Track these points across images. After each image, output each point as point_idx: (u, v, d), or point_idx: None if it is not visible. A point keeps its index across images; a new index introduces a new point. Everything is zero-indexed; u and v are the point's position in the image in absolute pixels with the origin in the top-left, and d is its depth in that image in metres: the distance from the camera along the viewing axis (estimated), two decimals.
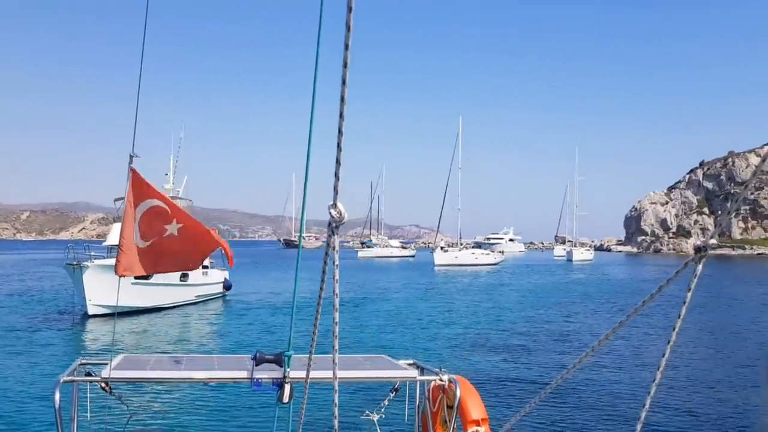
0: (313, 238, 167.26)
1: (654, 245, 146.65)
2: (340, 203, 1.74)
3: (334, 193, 1.73)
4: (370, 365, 5.61)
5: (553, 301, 34.13)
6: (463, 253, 76.15)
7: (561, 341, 21.24)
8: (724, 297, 39.61)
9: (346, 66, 1.45)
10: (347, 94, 1.42)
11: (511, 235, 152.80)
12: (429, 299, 34.93)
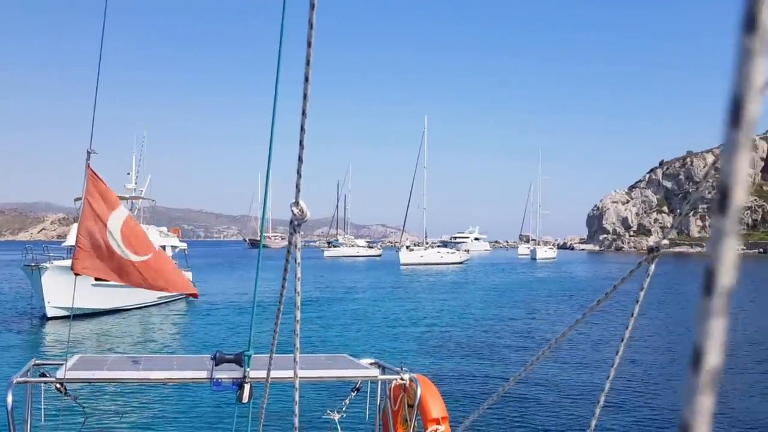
0: (279, 238, 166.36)
1: (615, 243, 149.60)
2: (302, 201, 1.74)
3: (296, 191, 1.72)
4: (332, 365, 5.61)
5: (516, 299, 34.59)
6: (428, 252, 76.58)
7: (523, 339, 21.56)
8: (683, 294, 40.65)
9: (309, 63, 1.44)
10: (310, 91, 1.42)
11: (477, 234, 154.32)
12: (394, 298, 34.95)
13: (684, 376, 0.79)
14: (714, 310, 0.47)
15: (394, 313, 28.09)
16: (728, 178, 0.48)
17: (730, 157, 0.47)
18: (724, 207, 0.45)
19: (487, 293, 38.40)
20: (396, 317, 26.65)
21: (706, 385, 0.46)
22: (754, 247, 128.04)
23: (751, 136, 0.46)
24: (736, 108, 0.45)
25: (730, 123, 0.45)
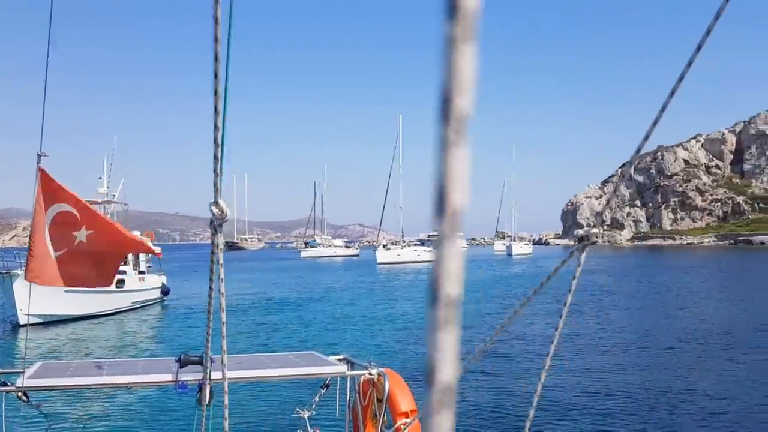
0: (256, 239, 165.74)
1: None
2: (221, 200, 1.68)
3: (215, 191, 1.65)
4: (300, 362, 5.57)
5: (492, 295, 34.93)
6: (405, 250, 76.85)
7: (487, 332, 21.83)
8: (654, 285, 41.41)
9: (217, 60, 1.40)
10: (220, 88, 1.40)
11: None
12: (370, 297, 35.07)
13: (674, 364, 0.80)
14: (442, 322, 0.44)
15: (371, 311, 28.19)
16: (443, 179, 0.44)
17: (444, 155, 0.43)
18: (441, 210, 0.43)
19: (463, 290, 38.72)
20: (372, 316, 26.74)
21: (441, 402, 0.43)
22: (725, 239, 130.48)
23: (465, 132, 0.42)
24: (445, 102, 0.41)
25: (441, 119, 0.42)
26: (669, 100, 1.78)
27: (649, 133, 1.78)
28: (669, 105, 1.78)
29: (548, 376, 2.14)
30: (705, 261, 72.81)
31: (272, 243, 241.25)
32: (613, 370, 15.69)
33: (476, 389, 13.25)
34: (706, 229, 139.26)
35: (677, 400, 12.73)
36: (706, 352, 17.86)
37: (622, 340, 20.28)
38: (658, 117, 1.79)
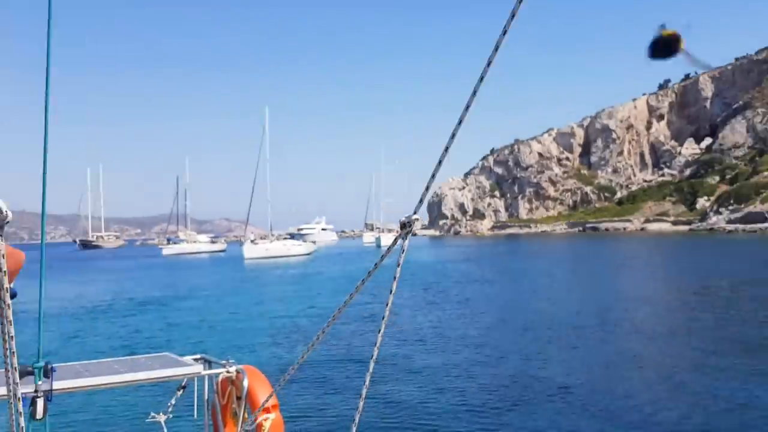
0: (113, 237, 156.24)
1: (454, 228, 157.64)
2: (0, 200, 1.49)
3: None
4: (152, 365, 5.32)
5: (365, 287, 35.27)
6: (273, 244, 75.76)
7: (366, 323, 22.03)
8: (511, 271, 43.88)
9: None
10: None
11: (323, 225, 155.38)
12: (235, 294, 34.10)
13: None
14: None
15: (236, 308, 27.44)
16: None
17: None
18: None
19: (333, 282, 38.81)
20: (237, 313, 26.05)
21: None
22: (574, 226, 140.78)
23: None
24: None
25: None
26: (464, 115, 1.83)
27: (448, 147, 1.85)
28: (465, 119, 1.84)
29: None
30: (556, 247, 78.20)
31: (132, 240, 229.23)
32: (466, 355, 16.34)
33: (308, 387, 13.18)
34: (558, 217, 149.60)
35: (530, 381, 13.48)
36: (556, 334, 19.08)
37: (480, 325, 21.20)
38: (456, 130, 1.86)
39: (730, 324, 19.34)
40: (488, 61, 1.74)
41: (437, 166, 1.94)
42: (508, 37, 1.68)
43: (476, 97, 1.81)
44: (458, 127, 1.87)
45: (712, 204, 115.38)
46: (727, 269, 37.64)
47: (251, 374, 5.18)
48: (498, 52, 1.72)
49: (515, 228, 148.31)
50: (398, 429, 10.57)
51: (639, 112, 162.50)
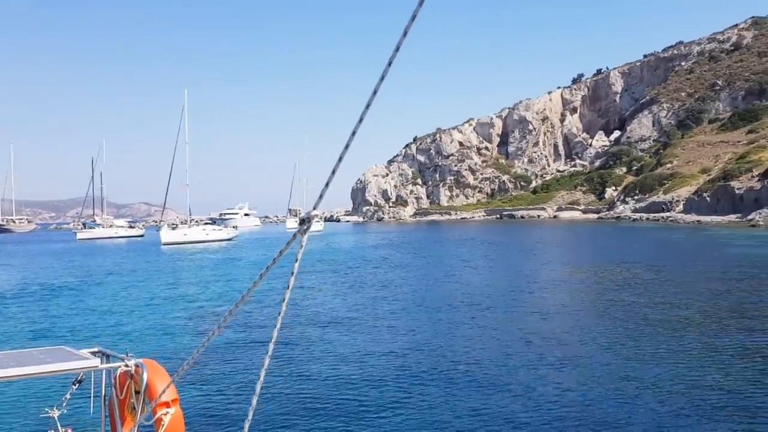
0: (25, 221, 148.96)
1: (377, 214, 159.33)
2: None
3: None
4: (46, 359, 5.07)
5: (280, 273, 35.86)
6: (192, 230, 74.70)
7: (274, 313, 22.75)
8: (430, 257, 45.52)
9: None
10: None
11: (246, 210, 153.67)
12: (147, 280, 33.36)
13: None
14: None
15: (146, 297, 26.84)
16: None
17: None
18: None
19: (252, 268, 39.15)
20: (146, 301, 25.44)
21: None
22: (492, 213, 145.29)
23: None
24: None
25: None
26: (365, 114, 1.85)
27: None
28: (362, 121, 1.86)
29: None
30: (474, 233, 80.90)
31: (45, 224, 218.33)
32: (379, 336, 17.48)
33: (211, 381, 13.11)
34: (477, 204, 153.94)
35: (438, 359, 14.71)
36: (467, 314, 20.47)
37: (395, 307, 22.34)
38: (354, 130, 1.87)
39: (628, 304, 21.32)
40: (389, 61, 1.76)
41: (337, 162, 1.95)
42: (408, 38, 1.68)
43: (376, 96, 1.82)
44: (358, 125, 1.89)
45: (619, 194, 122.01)
46: (629, 254, 40.55)
47: (151, 368, 5.06)
48: (398, 52, 1.72)
49: (436, 215, 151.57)
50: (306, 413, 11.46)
51: (554, 104, 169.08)
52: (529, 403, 10.86)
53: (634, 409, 10.46)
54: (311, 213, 1.96)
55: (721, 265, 32.14)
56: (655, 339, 15.62)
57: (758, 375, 12.20)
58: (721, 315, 18.59)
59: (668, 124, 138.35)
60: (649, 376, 12.36)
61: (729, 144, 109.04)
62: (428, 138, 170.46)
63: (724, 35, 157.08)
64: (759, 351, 14.06)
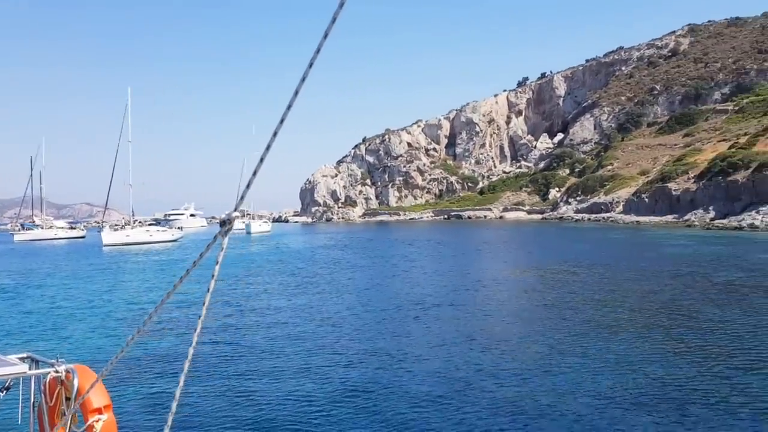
0: None
1: (326, 215, 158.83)
2: None
3: None
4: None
5: (227, 274, 35.47)
6: (135, 231, 73.01)
7: (224, 316, 22.54)
8: (379, 257, 45.73)
9: None
10: None
11: (192, 210, 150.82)
12: (85, 283, 32.42)
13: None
14: None
15: (82, 300, 26.12)
16: None
17: None
18: None
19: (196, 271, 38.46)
20: (82, 304, 24.73)
21: None
22: (440, 214, 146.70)
23: None
24: None
25: None
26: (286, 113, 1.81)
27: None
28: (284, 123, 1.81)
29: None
30: (422, 233, 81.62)
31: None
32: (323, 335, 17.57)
33: (146, 385, 13.06)
34: (426, 205, 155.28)
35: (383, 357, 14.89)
36: (412, 313, 20.74)
37: (341, 307, 22.47)
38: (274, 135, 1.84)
39: (568, 301, 21.96)
40: (310, 62, 1.72)
41: (258, 163, 1.93)
42: (328, 40, 1.65)
43: (297, 96, 1.79)
44: (279, 125, 1.86)
45: (563, 195, 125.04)
46: (571, 253, 41.67)
47: (82, 373, 4.95)
48: (319, 53, 1.69)
49: (385, 215, 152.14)
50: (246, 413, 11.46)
51: (500, 107, 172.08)
52: (467, 398, 11.13)
53: (567, 402, 10.85)
54: (232, 214, 1.90)
55: (657, 263, 33.41)
56: (592, 335, 16.19)
57: (684, 366, 12.82)
58: (655, 311, 19.38)
59: (609, 127, 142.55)
60: (584, 369, 12.83)
61: (666, 147, 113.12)
62: (377, 139, 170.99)
63: (662, 41, 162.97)
64: (686, 343, 14.75)
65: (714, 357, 13.57)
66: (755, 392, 11.08)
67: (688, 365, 13.00)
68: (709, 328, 16.63)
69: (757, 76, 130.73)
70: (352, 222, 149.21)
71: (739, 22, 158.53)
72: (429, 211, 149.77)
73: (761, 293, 21.95)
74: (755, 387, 11.39)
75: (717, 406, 10.46)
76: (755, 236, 51.25)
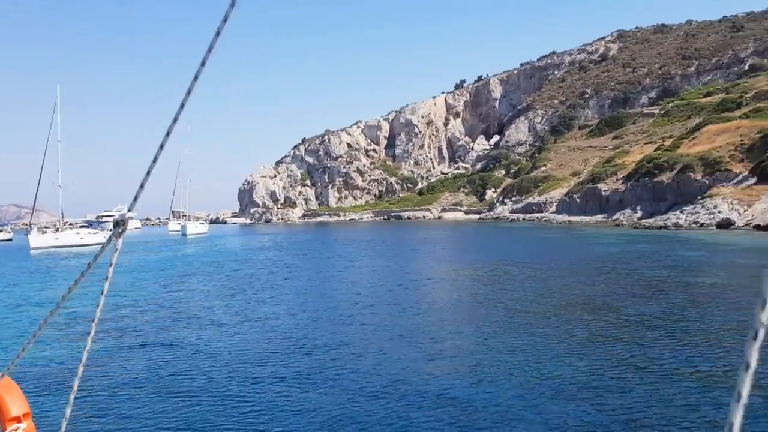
0: None
1: (265, 216, 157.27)
2: None
3: None
4: None
5: (162, 276, 34.83)
6: (66, 233, 70.53)
7: (159, 318, 22.23)
8: (318, 258, 45.71)
9: None
10: None
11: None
12: (7, 288, 31.33)
13: None
14: None
15: (2, 305, 25.28)
16: None
17: None
18: None
19: (127, 274, 37.68)
20: (3, 311, 23.91)
21: None
22: (380, 214, 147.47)
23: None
24: None
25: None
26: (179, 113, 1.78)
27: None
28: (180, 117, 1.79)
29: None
30: (362, 234, 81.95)
31: None
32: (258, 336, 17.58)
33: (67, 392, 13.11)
34: (365, 206, 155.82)
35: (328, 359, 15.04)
36: (348, 312, 20.93)
37: (277, 308, 22.48)
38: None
39: (500, 298, 22.59)
40: (202, 60, 1.69)
41: (152, 163, 1.87)
42: (219, 39, 1.62)
43: (191, 96, 1.75)
44: (173, 125, 1.81)
45: (499, 195, 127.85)
46: (505, 252, 42.75)
47: (1, 382, 4.74)
48: (211, 52, 1.65)
49: (325, 216, 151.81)
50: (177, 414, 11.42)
51: (438, 108, 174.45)
52: (399, 393, 11.43)
53: (495, 393, 11.30)
54: (126, 215, 1.85)
55: (585, 261, 34.72)
56: (520, 330, 16.79)
57: (604, 357, 13.52)
58: (580, 306, 20.23)
59: (543, 130, 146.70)
60: (511, 362, 13.34)
61: (597, 149, 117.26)
62: (317, 139, 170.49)
63: (592, 47, 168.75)
64: (607, 336, 15.52)
65: (632, 348, 14.35)
66: (667, 379, 11.82)
67: (606, 356, 13.71)
68: (629, 321, 17.51)
69: (681, 81, 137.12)
70: (291, 223, 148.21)
71: (665, 29, 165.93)
72: (369, 212, 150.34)
73: (680, 289, 23.19)
74: (667, 374, 12.14)
75: (632, 393, 11.11)
76: (678, 235, 53.81)
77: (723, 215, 58.60)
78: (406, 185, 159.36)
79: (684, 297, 21.22)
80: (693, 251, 37.71)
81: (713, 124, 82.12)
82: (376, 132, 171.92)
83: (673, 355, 13.54)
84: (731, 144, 70.59)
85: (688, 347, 14.19)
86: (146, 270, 38.40)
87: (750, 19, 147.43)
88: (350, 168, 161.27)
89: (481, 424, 9.80)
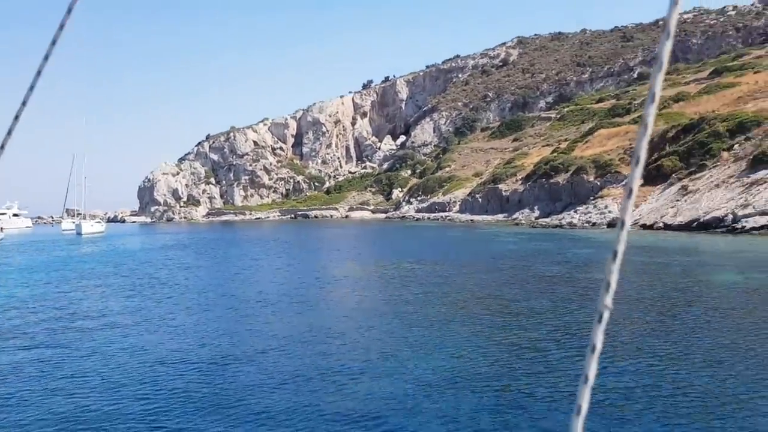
0: None
1: (167, 214, 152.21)
2: None
3: None
4: None
5: (54, 277, 33.23)
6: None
7: (51, 319, 21.38)
8: (221, 257, 44.97)
9: None
10: None
11: (16, 210, 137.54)
12: None
13: None
14: None
15: None
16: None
17: None
18: None
19: (20, 274, 35.67)
20: None
21: None
22: (287, 213, 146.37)
23: None
24: None
25: None
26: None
27: None
28: None
29: None
30: (268, 233, 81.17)
31: None
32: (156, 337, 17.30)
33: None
34: (272, 204, 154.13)
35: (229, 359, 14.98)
36: (251, 311, 20.86)
37: (176, 308, 22.05)
38: None
39: (401, 294, 23.20)
40: (45, 54, 1.65)
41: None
42: (63, 33, 1.59)
43: (33, 92, 1.72)
44: (14, 122, 1.76)
45: (405, 195, 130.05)
46: (410, 251, 43.72)
47: None
48: (55, 46, 1.63)
49: (230, 215, 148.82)
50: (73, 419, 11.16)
51: (346, 108, 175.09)
52: (299, 391, 11.67)
53: (392, 387, 11.75)
54: None
55: (485, 258, 36.17)
56: (419, 325, 17.40)
57: (497, 350, 14.32)
58: (476, 302, 21.17)
59: (447, 131, 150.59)
60: (409, 357, 13.87)
61: (498, 150, 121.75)
62: (222, 136, 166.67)
63: (494, 52, 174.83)
64: (501, 330, 16.41)
65: (524, 340, 15.27)
66: (559, 370, 12.71)
67: (500, 349, 14.52)
68: (523, 315, 18.55)
69: (576, 87, 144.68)
70: (195, 222, 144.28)
71: (562, 36, 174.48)
72: (275, 211, 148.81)
73: (570, 284, 24.71)
74: (558, 365, 13.05)
75: (524, 384, 11.89)
76: (572, 233, 56.89)
77: (613, 215, 62.47)
78: (313, 184, 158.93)
79: (571, 291, 22.65)
80: (584, 249, 40.09)
81: (605, 129, 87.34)
82: (284, 130, 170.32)
83: (557, 345, 14.53)
84: (621, 147, 75.25)
85: (567, 335, 15.27)
86: (37, 270, 36.44)
87: (639, 30, 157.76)
88: (256, 166, 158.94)
89: (379, 417, 10.20)
